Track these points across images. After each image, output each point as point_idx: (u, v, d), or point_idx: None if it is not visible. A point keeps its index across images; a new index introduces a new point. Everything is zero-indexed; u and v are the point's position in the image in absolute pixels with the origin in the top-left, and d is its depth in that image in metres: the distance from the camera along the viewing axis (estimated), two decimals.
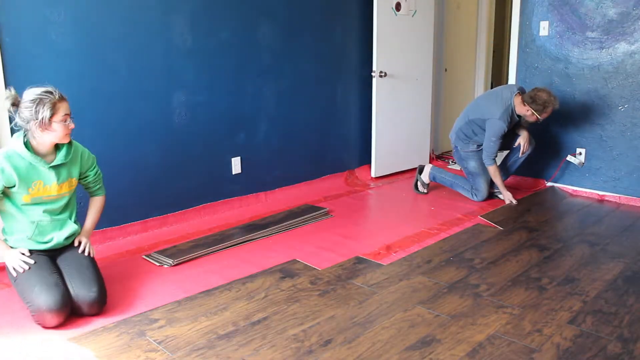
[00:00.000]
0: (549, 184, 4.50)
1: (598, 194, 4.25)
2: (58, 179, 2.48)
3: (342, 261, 3.02)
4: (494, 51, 6.55)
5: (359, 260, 3.05)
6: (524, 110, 3.84)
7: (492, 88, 6.56)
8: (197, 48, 3.64)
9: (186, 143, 3.68)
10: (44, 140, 2.40)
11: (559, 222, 3.70)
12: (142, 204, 3.50)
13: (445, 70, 5.67)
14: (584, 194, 4.31)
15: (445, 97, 5.73)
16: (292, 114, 4.32)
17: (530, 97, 3.79)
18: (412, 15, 4.82)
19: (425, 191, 4.40)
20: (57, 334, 2.29)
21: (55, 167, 2.47)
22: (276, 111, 4.20)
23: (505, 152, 4.28)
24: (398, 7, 4.67)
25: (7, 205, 2.47)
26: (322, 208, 3.89)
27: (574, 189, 4.38)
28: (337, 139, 4.74)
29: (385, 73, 4.66)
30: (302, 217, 3.71)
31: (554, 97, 3.78)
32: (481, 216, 3.75)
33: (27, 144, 2.40)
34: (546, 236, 3.42)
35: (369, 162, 4.90)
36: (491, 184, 4.17)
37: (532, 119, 3.88)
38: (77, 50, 3.09)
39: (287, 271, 2.90)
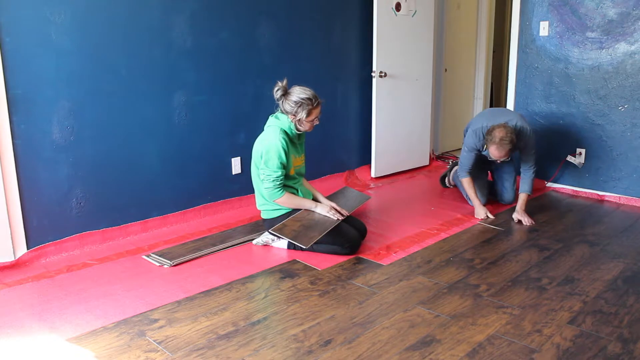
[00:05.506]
0: (549, 184, 4.50)
1: (598, 194, 4.25)
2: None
3: (342, 261, 3.03)
4: (494, 51, 6.55)
5: (359, 260, 3.06)
6: None
7: (491, 88, 6.58)
8: (197, 48, 3.64)
9: (186, 143, 3.68)
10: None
11: (559, 222, 3.70)
12: (142, 204, 3.50)
13: (445, 70, 5.66)
14: (584, 194, 4.31)
15: (445, 97, 5.73)
16: None
17: (490, 128, 3.47)
18: (412, 16, 4.82)
19: (449, 186, 4.52)
20: (57, 334, 2.29)
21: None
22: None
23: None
24: (398, 7, 4.67)
25: None
26: None
27: (574, 189, 4.38)
28: (337, 139, 4.73)
29: (385, 73, 4.66)
30: None
31: (507, 141, 3.34)
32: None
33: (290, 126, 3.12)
34: (546, 236, 3.42)
35: (369, 162, 4.90)
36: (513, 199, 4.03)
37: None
38: (77, 50, 3.09)
39: (287, 271, 2.90)
